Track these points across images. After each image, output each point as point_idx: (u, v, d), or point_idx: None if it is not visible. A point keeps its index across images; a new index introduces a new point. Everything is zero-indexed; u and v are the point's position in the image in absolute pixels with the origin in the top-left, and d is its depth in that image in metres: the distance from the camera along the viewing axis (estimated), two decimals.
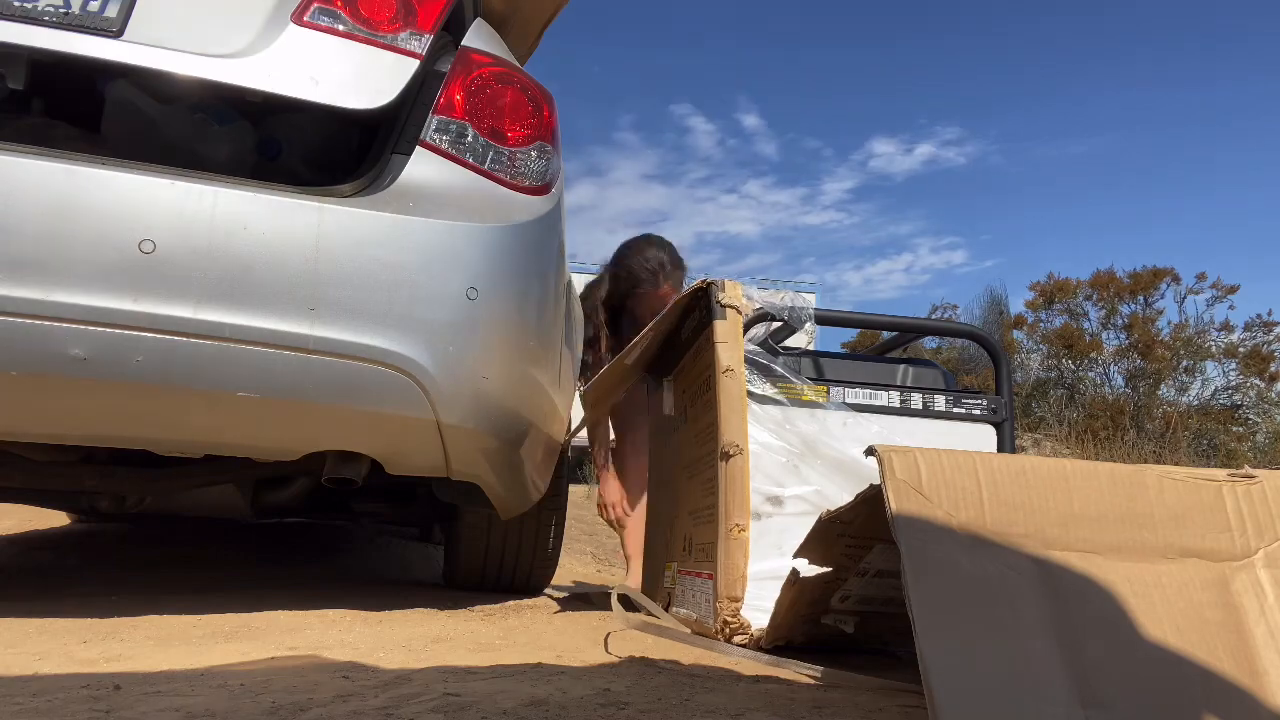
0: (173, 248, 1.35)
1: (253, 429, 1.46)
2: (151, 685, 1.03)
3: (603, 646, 1.42)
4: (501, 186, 1.60)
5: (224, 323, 1.36)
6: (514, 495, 1.77)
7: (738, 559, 1.49)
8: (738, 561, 1.49)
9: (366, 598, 1.83)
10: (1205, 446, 13.25)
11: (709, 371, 1.61)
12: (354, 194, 1.49)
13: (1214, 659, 0.87)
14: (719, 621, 1.48)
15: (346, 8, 1.55)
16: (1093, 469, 0.98)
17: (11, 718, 0.89)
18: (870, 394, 1.67)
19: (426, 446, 1.53)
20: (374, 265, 1.44)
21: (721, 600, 1.48)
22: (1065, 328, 16.09)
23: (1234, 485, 0.99)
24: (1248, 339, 15.34)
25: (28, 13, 1.40)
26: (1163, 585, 0.91)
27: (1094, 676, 0.82)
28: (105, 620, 1.48)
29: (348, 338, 1.42)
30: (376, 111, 1.54)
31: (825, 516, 1.13)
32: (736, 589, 1.48)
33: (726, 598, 1.48)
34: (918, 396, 1.69)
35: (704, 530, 1.57)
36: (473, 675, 1.13)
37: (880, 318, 2.10)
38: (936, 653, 0.79)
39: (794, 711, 1.02)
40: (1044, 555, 0.90)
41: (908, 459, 0.93)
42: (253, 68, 1.48)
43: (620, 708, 0.98)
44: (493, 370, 1.55)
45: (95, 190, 1.34)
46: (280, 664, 1.19)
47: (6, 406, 1.38)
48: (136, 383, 1.35)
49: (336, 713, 0.92)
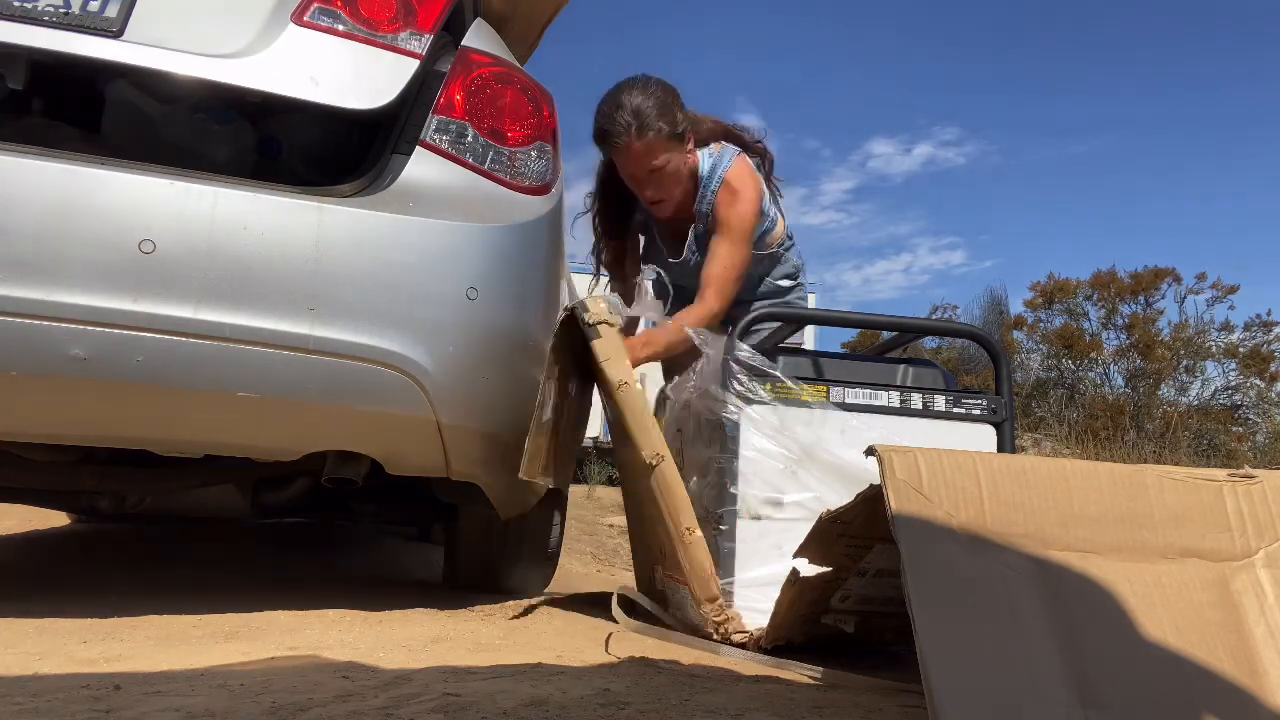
0: (172, 248, 1.35)
1: (252, 429, 1.46)
2: (151, 685, 1.03)
3: (603, 647, 1.42)
4: (501, 186, 1.60)
5: (224, 323, 1.36)
6: (514, 495, 1.77)
7: (701, 560, 1.49)
8: (702, 562, 1.49)
9: (366, 598, 1.83)
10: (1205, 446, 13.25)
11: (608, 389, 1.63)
12: (354, 194, 1.49)
13: (1214, 659, 0.87)
14: (709, 626, 1.48)
15: (346, 8, 1.55)
16: (1093, 469, 0.98)
17: (11, 718, 0.89)
18: (870, 394, 1.67)
19: (426, 446, 1.53)
20: (374, 265, 1.44)
21: (702, 605, 1.48)
22: (1065, 328, 16.10)
23: (1234, 485, 0.99)
24: (1248, 339, 15.37)
25: (28, 13, 1.40)
26: (1163, 585, 0.91)
27: (1094, 676, 0.82)
28: (105, 620, 1.48)
29: (347, 338, 1.42)
30: (376, 111, 1.54)
31: (825, 516, 1.13)
32: (711, 588, 1.48)
33: (705, 600, 1.48)
34: (917, 397, 1.69)
35: (664, 538, 1.58)
36: (473, 675, 1.13)
37: (880, 318, 2.10)
38: (936, 653, 0.79)
39: (794, 711, 1.02)
40: (1044, 555, 0.90)
41: (908, 459, 0.93)
42: (253, 68, 1.48)
43: (620, 708, 0.98)
44: (492, 370, 1.55)
45: (95, 190, 1.34)
46: (280, 664, 1.19)
47: (6, 406, 1.38)
48: (136, 383, 1.35)
49: (336, 713, 0.92)
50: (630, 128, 2.14)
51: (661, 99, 2.18)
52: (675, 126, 2.18)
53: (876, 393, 1.68)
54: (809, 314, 2.22)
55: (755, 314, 1.77)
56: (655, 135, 2.15)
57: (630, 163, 2.20)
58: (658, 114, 2.16)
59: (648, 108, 2.15)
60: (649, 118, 2.15)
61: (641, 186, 2.24)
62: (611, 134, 2.16)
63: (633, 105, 2.15)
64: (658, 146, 2.16)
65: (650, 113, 2.15)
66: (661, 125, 2.15)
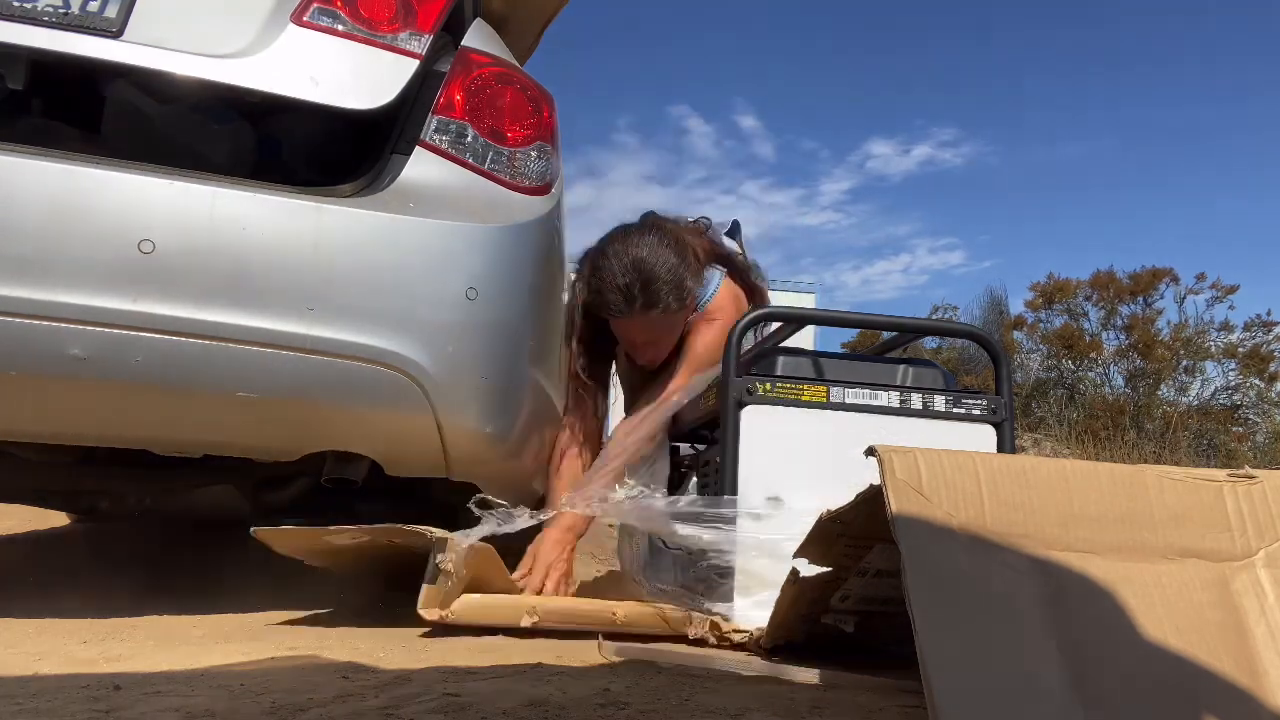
0: (172, 248, 1.35)
1: (252, 429, 1.46)
2: (151, 685, 1.03)
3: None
4: (501, 187, 1.60)
5: (223, 323, 1.36)
6: (514, 496, 1.77)
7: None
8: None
9: (366, 598, 1.83)
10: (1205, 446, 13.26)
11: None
12: (353, 194, 1.49)
13: (1214, 659, 0.87)
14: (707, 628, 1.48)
15: (346, 8, 1.55)
16: (1093, 469, 0.98)
17: (11, 718, 0.89)
18: (870, 394, 1.67)
19: (426, 447, 1.53)
20: (373, 265, 1.45)
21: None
22: (1065, 328, 16.10)
23: (1234, 485, 0.99)
24: (1247, 339, 15.36)
25: (28, 13, 1.40)
26: (1163, 585, 0.91)
27: (1094, 676, 0.82)
28: (105, 620, 1.48)
29: (347, 338, 1.42)
30: (376, 111, 1.54)
31: (825, 516, 1.12)
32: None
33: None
34: (918, 396, 1.69)
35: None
36: (473, 675, 1.13)
37: (880, 318, 2.09)
38: (936, 653, 0.79)
39: (794, 711, 1.02)
40: (1044, 555, 0.90)
41: (908, 459, 0.93)
42: (252, 68, 1.48)
43: (620, 708, 0.98)
44: (492, 370, 1.55)
45: (95, 190, 1.34)
46: (280, 664, 1.19)
47: (6, 406, 1.38)
48: (136, 383, 1.35)
49: (336, 713, 0.92)
50: (635, 303, 1.84)
51: (673, 265, 1.86)
52: (684, 298, 1.89)
53: (876, 393, 1.68)
54: (809, 314, 2.22)
55: (755, 314, 1.77)
56: (663, 311, 1.87)
57: (632, 330, 1.94)
58: (669, 287, 1.84)
59: (658, 279, 1.83)
60: (659, 293, 1.83)
61: (640, 351, 2.00)
62: (610, 305, 1.87)
63: (643, 275, 1.82)
64: (663, 321, 1.90)
65: (661, 287, 1.83)
66: (671, 301, 1.85)
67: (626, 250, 1.86)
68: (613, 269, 1.84)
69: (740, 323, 1.71)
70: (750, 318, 1.74)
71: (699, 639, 1.47)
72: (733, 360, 1.64)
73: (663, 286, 1.83)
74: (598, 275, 1.87)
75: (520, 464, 1.71)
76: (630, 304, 1.84)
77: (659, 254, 1.85)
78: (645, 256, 1.84)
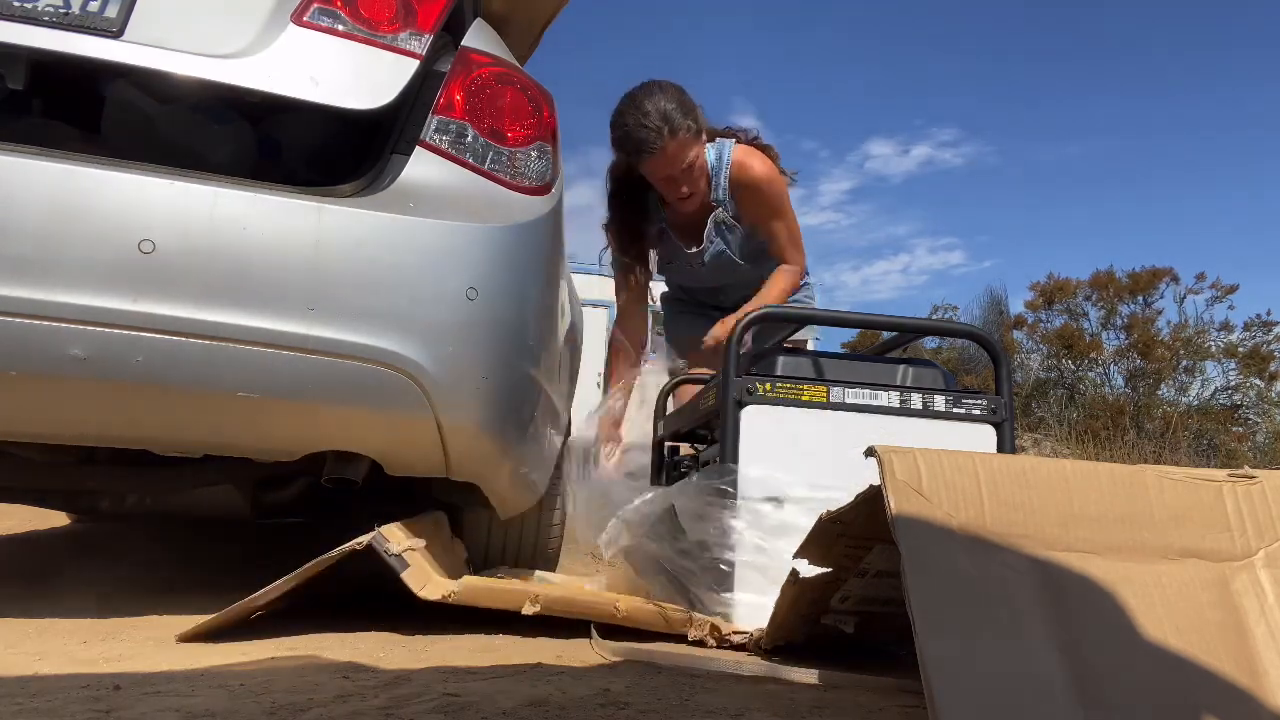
0: (172, 248, 1.35)
1: (252, 429, 1.46)
2: (151, 685, 1.03)
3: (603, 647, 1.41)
4: (501, 187, 1.60)
5: (223, 323, 1.36)
6: (514, 495, 1.77)
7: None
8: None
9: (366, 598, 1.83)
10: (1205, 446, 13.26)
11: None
12: (353, 194, 1.49)
13: (1214, 659, 0.87)
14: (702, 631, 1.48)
15: (346, 8, 1.55)
16: (1092, 469, 0.98)
17: (11, 718, 0.89)
18: (870, 394, 1.67)
19: (426, 447, 1.53)
20: (373, 265, 1.44)
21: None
22: (1065, 328, 16.10)
23: (1234, 485, 0.99)
24: (1247, 339, 15.36)
25: (28, 13, 1.40)
26: (1163, 585, 0.91)
27: (1094, 676, 0.82)
28: (105, 620, 1.48)
29: (347, 338, 1.42)
30: (376, 111, 1.54)
31: (825, 517, 1.13)
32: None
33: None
34: (917, 397, 1.69)
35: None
36: (473, 675, 1.13)
37: (880, 318, 2.09)
38: (936, 653, 0.79)
39: (794, 711, 1.02)
40: (1044, 555, 0.90)
41: (908, 459, 0.93)
42: (252, 68, 1.48)
43: (620, 708, 0.98)
44: (492, 370, 1.55)
45: (95, 190, 1.34)
46: (280, 664, 1.19)
47: (6, 406, 1.38)
48: (136, 383, 1.35)
49: (336, 713, 0.92)
50: (663, 131, 2.19)
51: (680, 99, 2.24)
52: (698, 122, 2.26)
53: (876, 393, 1.68)
54: (809, 314, 2.22)
55: (756, 314, 1.77)
56: (685, 134, 2.21)
57: (665, 165, 2.24)
58: (682, 113, 2.22)
59: (672, 109, 2.21)
60: (676, 118, 2.20)
61: (676, 185, 2.29)
62: (646, 141, 2.20)
63: (658, 109, 2.20)
64: (688, 144, 2.23)
65: (676, 114, 2.21)
66: (689, 123, 2.22)
67: (639, 97, 2.24)
68: (636, 115, 2.21)
69: (740, 323, 1.72)
70: (751, 318, 1.74)
71: (699, 640, 1.47)
72: (733, 360, 1.64)
73: (676, 112, 2.20)
74: (624, 124, 2.23)
75: (520, 463, 1.71)
76: (660, 135, 2.19)
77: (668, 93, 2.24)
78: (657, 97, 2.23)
